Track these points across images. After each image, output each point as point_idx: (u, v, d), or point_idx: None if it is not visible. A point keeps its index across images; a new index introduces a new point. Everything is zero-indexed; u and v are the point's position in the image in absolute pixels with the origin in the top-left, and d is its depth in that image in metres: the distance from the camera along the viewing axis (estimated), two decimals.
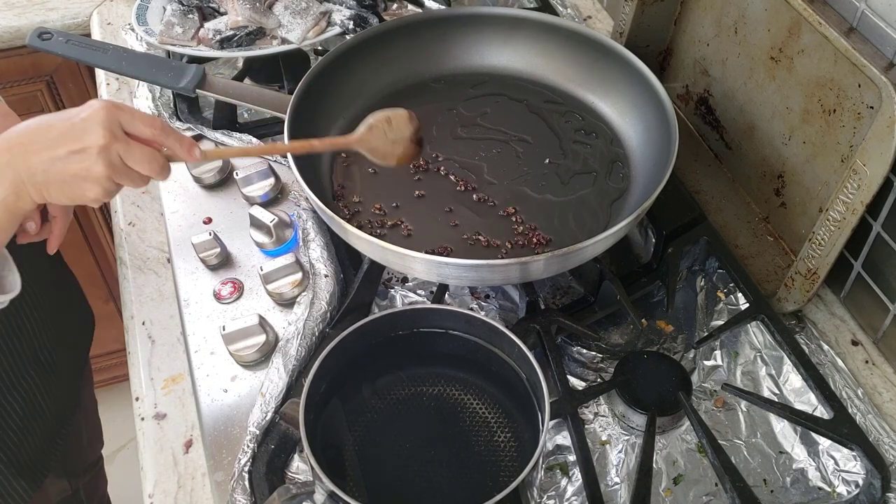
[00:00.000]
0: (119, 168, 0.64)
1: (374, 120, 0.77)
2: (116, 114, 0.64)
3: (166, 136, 0.67)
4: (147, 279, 0.94)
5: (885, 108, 0.71)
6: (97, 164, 0.63)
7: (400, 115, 0.78)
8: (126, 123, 0.64)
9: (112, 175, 0.64)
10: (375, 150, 0.78)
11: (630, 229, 0.86)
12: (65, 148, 0.62)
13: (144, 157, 0.65)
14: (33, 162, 0.62)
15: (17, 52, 1.34)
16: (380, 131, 0.77)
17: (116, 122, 0.64)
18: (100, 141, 0.62)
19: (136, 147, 0.65)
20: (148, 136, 0.66)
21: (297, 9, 1.12)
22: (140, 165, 0.65)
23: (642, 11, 1.05)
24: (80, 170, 0.63)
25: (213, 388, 0.82)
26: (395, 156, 0.78)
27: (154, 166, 0.66)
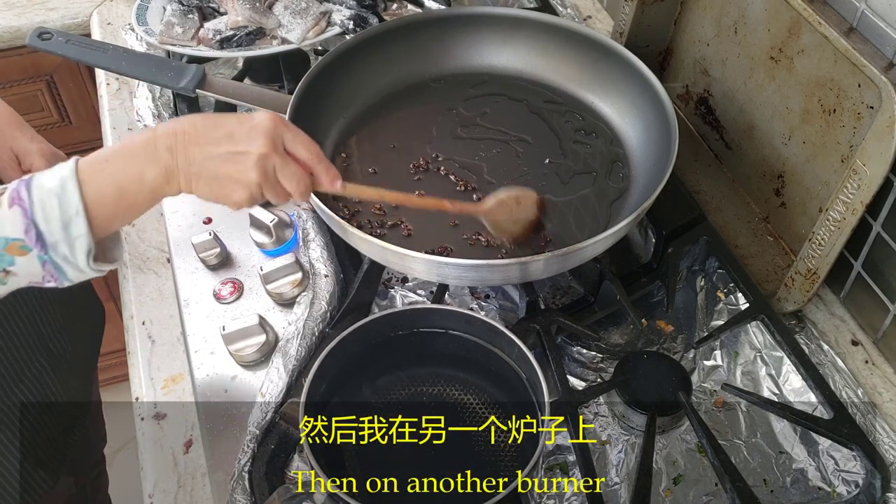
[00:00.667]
0: (270, 179, 0.66)
1: (505, 196, 0.80)
2: (282, 129, 0.66)
3: (318, 162, 0.69)
4: (147, 279, 0.94)
5: (885, 108, 0.71)
6: (252, 169, 0.64)
7: (529, 198, 0.81)
8: (287, 141, 0.67)
9: (262, 183, 0.66)
10: (497, 224, 0.81)
11: (630, 229, 0.86)
12: (227, 147, 0.64)
13: (295, 176, 0.67)
14: (193, 152, 0.64)
15: (17, 52, 1.34)
16: (507, 208, 0.80)
17: (280, 137, 0.66)
18: (262, 149, 0.64)
19: (290, 164, 0.67)
20: (303, 159, 0.68)
21: (297, 9, 1.12)
22: (289, 182, 0.67)
23: (642, 11, 1.05)
24: (235, 171, 0.65)
25: (213, 388, 0.82)
26: (512, 234, 0.82)
27: (301, 187, 0.68)
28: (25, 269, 0.62)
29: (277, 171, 0.66)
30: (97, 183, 0.62)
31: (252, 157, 0.64)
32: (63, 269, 0.63)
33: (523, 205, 0.81)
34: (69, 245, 0.61)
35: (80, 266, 0.63)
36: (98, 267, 0.65)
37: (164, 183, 0.65)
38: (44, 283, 0.65)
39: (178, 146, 0.64)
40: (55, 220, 0.61)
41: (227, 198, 0.67)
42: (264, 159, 0.65)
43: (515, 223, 0.81)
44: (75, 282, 0.66)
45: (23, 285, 0.64)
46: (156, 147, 0.64)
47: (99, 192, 0.62)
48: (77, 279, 0.65)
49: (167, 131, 0.64)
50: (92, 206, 0.62)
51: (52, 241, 0.61)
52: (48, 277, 0.64)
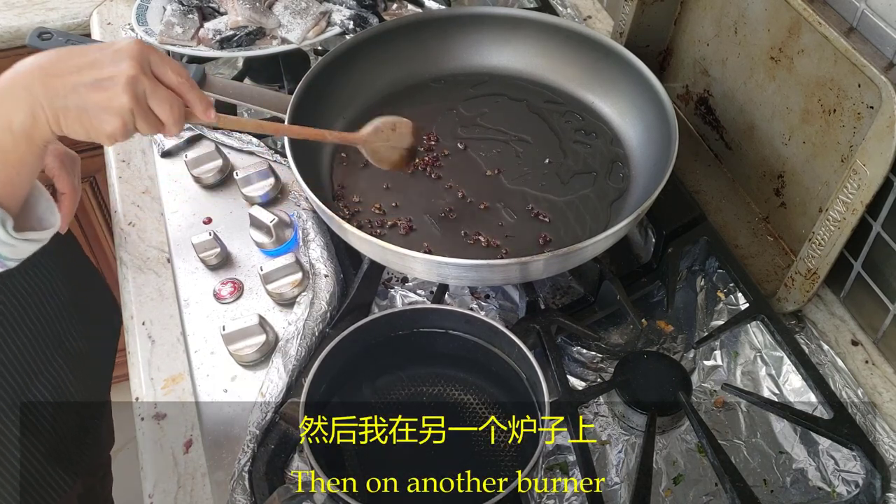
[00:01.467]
0: (142, 105, 0.62)
1: (381, 123, 0.82)
2: (148, 52, 0.63)
3: (190, 89, 0.65)
4: (147, 279, 0.94)
5: (885, 108, 0.71)
6: (122, 94, 0.60)
7: (405, 124, 0.84)
8: (155, 65, 0.63)
9: (134, 108, 0.62)
10: (375, 151, 0.83)
11: (630, 229, 0.86)
12: (91, 75, 0.60)
13: (167, 100, 0.63)
14: (55, 85, 0.60)
15: (17, 52, 1.34)
16: (383, 135, 0.82)
17: (147, 59, 0.62)
18: (129, 71, 0.60)
19: (161, 88, 0.63)
20: (174, 84, 0.64)
21: (297, 9, 1.12)
22: (161, 108, 0.63)
23: (642, 11, 1.05)
24: (104, 98, 0.60)
25: (213, 388, 0.82)
26: (390, 161, 0.85)
27: (174, 113, 0.64)
28: None
29: (148, 95, 0.62)
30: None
31: (120, 80, 0.60)
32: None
33: (399, 131, 0.83)
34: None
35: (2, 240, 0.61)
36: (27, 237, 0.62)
37: (33, 124, 0.60)
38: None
39: (35, 82, 0.60)
40: None
41: (99, 129, 0.62)
42: (134, 82, 0.61)
43: (393, 150, 0.83)
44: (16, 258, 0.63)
45: None
46: (14, 89, 0.60)
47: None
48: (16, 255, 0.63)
49: (24, 68, 0.61)
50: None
51: None
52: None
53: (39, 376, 0.95)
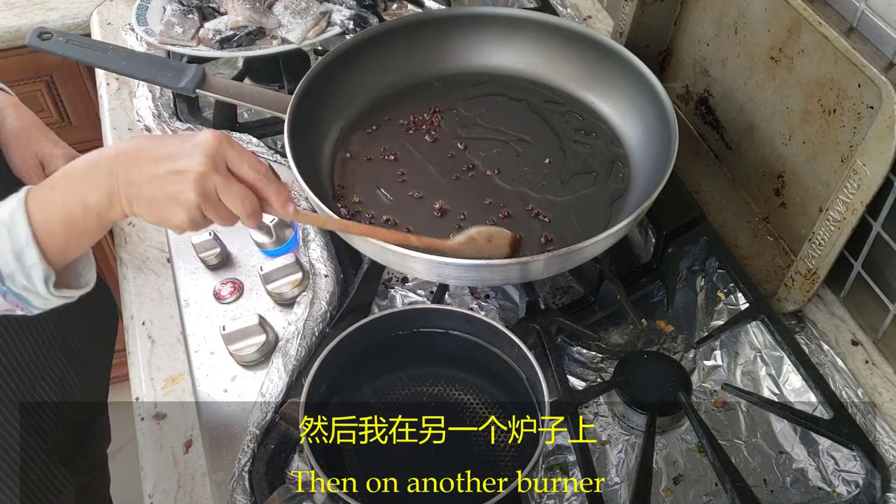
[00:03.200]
0: (212, 200, 0.63)
1: (476, 234, 0.79)
2: (225, 148, 0.64)
3: (267, 184, 0.66)
4: (147, 279, 0.94)
5: (885, 108, 0.71)
6: (191, 189, 0.62)
7: (503, 237, 0.80)
8: (232, 160, 0.64)
9: (202, 204, 0.63)
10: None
11: (630, 229, 0.86)
12: (166, 167, 0.62)
13: (239, 196, 0.64)
14: (133, 174, 0.62)
15: (17, 52, 1.34)
16: (477, 245, 0.78)
17: (222, 156, 0.63)
18: (199, 167, 0.62)
19: (234, 184, 0.64)
20: (250, 179, 0.65)
21: (297, 9, 1.12)
22: (233, 203, 0.64)
23: (642, 11, 1.05)
24: (174, 191, 0.62)
25: (213, 388, 0.82)
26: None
27: (246, 207, 0.65)
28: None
29: (219, 190, 0.63)
30: (45, 211, 0.61)
31: (190, 175, 0.62)
32: (26, 298, 0.63)
33: (494, 243, 0.79)
34: (25, 275, 0.61)
35: (41, 294, 0.62)
36: (62, 294, 0.64)
37: (108, 206, 0.63)
38: (14, 311, 0.64)
39: (118, 168, 0.62)
40: (7, 252, 0.60)
41: (168, 220, 0.64)
42: (203, 178, 0.62)
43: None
44: (45, 309, 0.65)
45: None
46: (97, 170, 0.62)
47: (47, 220, 0.61)
48: (44, 306, 0.65)
49: (110, 153, 0.63)
50: (42, 235, 0.61)
51: (8, 273, 0.61)
52: (14, 307, 0.63)
53: (45, 376, 0.95)
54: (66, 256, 0.64)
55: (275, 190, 0.67)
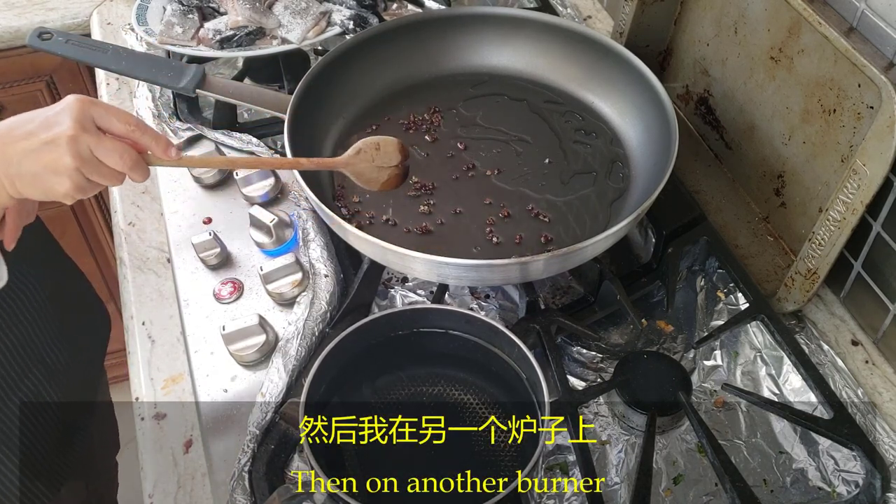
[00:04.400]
0: (89, 161, 0.63)
1: (362, 144, 0.79)
2: (89, 107, 0.64)
3: (142, 134, 0.66)
4: (147, 279, 0.94)
5: (885, 108, 0.71)
6: (65, 154, 0.62)
7: (389, 143, 0.81)
8: (99, 118, 0.64)
9: (81, 167, 0.63)
10: (361, 174, 0.80)
11: (630, 229, 0.86)
12: (37, 139, 0.62)
13: (115, 151, 0.64)
14: (8, 153, 0.62)
15: (17, 52, 1.34)
16: (367, 156, 0.79)
17: (88, 115, 0.63)
18: (68, 132, 0.62)
19: (106, 140, 0.64)
20: (122, 133, 0.65)
21: (297, 9, 1.12)
22: (110, 159, 0.64)
23: (642, 11, 1.05)
24: (50, 161, 0.62)
25: (213, 388, 0.82)
26: (379, 182, 0.81)
27: (126, 161, 0.65)
28: None
29: (94, 149, 0.63)
30: None
31: (62, 141, 0.62)
32: None
33: (384, 151, 0.80)
34: None
35: None
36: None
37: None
38: None
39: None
40: None
41: (53, 191, 0.64)
42: (74, 141, 0.62)
43: (380, 170, 0.80)
44: None
45: None
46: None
47: None
48: None
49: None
50: None
51: None
52: None
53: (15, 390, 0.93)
54: None
55: (152, 137, 0.66)
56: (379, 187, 0.82)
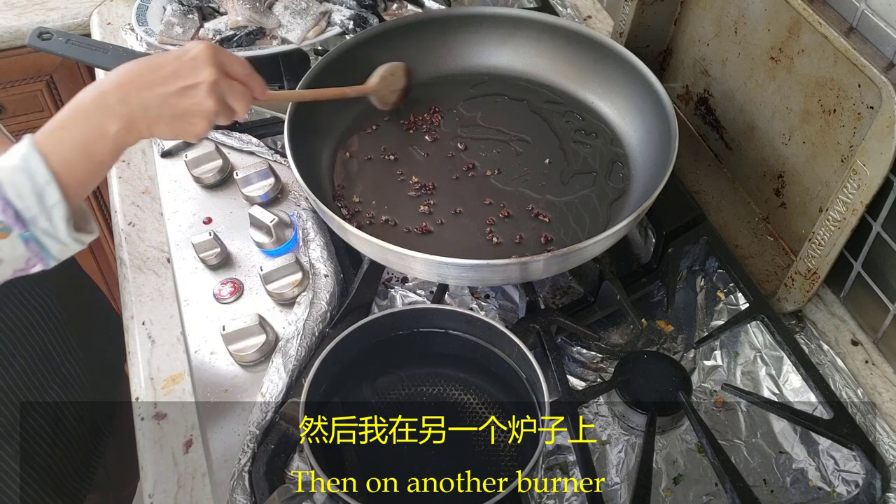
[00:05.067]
0: (223, 103, 0.69)
1: (383, 70, 0.96)
2: (219, 54, 0.69)
3: (253, 77, 0.72)
4: (147, 279, 0.94)
5: (885, 108, 0.71)
6: (207, 98, 0.67)
7: (399, 67, 0.97)
8: (225, 63, 0.69)
9: (219, 109, 0.69)
10: (382, 97, 0.96)
11: (630, 229, 0.86)
12: (177, 84, 0.66)
13: (241, 94, 0.71)
14: (147, 97, 0.66)
15: (17, 52, 1.34)
16: (387, 81, 0.96)
17: (220, 61, 0.68)
18: (210, 77, 0.67)
19: (236, 85, 0.70)
20: (241, 76, 0.71)
21: (297, 9, 1.12)
22: (237, 102, 0.70)
23: (642, 11, 1.05)
24: (192, 104, 0.67)
25: (213, 388, 0.82)
26: (391, 102, 0.98)
27: (245, 103, 0.71)
28: (10, 252, 0.62)
29: (226, 94, 0.69)
30: (60, 150, 0.63)
31: (204, 87, 0.67)
32: (46, 245, 0.63)
33: (396, 74, 0.97)
34: (47, 216, 0.62)
35: (61, 237, 0.63)
36: (79, 237, 0.65)
37: (127, 133, 0.66)
38: (29, 267, 0.65)
39: (129, 95, 0.65)
40: (28, 194, 0.61)
41: (189, 132, 0.69)
42: (215, 86, 0.67)
43: (392, 93, 0.97)
44: (60, 258, 0.66)
45: (8, 276, 0.64)
46: (107, 104, 0.65)
47: (64, 158, 0.63)
48: (61, 255, 0.65)
49: (113, 84, 0.66)
50: (61, 173, 0.62)
51: (31, 217, 0.61)
52: (33, 258, 0.64)
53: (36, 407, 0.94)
54: (83, 191, 0.66)
55: (258, 81, 0.73)
56: (389, 107, 0.98)
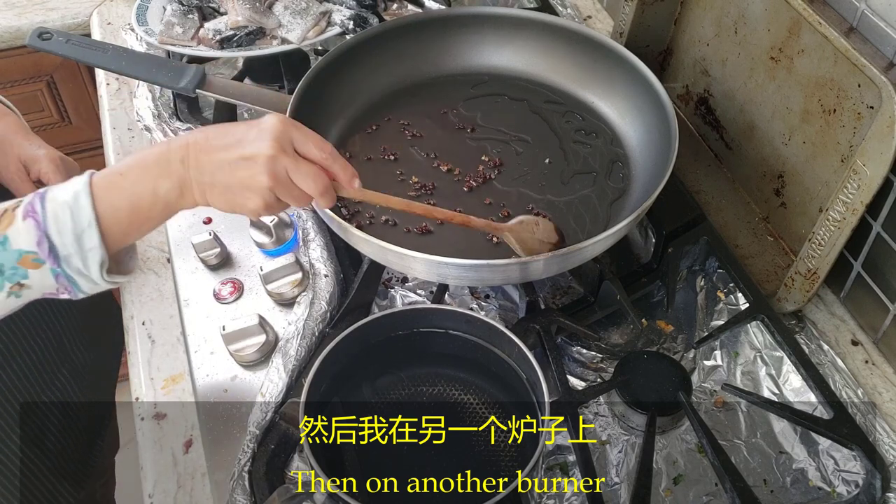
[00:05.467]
0: (283, 182, 0.64)
1: (525, 218, 0.83)
2: (290, 130, 0.65)
3: (333, 162, 0.67)
4: (147, 279, 0.94)
5: (885, 108, 0.71)
6: (262, 173, 0.63)
7: (545, 223, 0.84)
8: (297, 142, 0.65)
9: (275, 187, 0.64)
10: (524, 242, 0.82)
11: (630, 229, 0.86)
12: (236, 153, 0.63)
13: (310, 175, 0.65)
14: (204, 161, 0.63)
15: (17, 52, 1.34)
16: (529, 228, 0.83)
17: (288, 138, 0.64)
18: (268, 151, 0.63)
19: (303, 164, 0.65)
20: (317, 158, 0.66)
21: (297, 9, 1.12)
22: (304, 183, 0.65)
23: (642, 11, 1.05)
24: (246, 177, 0.63)
25: (213, 388, 0.82)
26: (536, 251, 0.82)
27: (318, 186, 0.66)
28: (39, 282, 0.62)
29: (290, 172, 0.64)
30: (111, 196, 0.62)
31: (260, 160, 0.63)
32: (76, 281, 0.63)
33: (542, 229, 0.84)
34: (82, 257, 0.61)
35: (93, 278, 0.63)
36: (112, 279, 0.64)
37: (179, 196, 0.64)
38: (58, 294, 0.64)
39: (189, 157, 0.63)
40: (68, 233, 0.60)
41: (243, 206, 0.65)
42: (273, 161, 0.63)
43: (541, 244, 0.83)
44: (89, 294, 0.65)
45: (37, 297, 0.64)
46: (169, 160, 0.63)
47: (113, 206, 0.62)
48: (91, 291, 0.65)
49: (180, 143, 0.64)
50: (105, 219, 0.61)
51: (66, 254, 0.61)
52: (62, 290, 0.64)
53: (47, 391, 0.95)
54: (123, 242, 0.65)
55: (341, 167, 0.68)
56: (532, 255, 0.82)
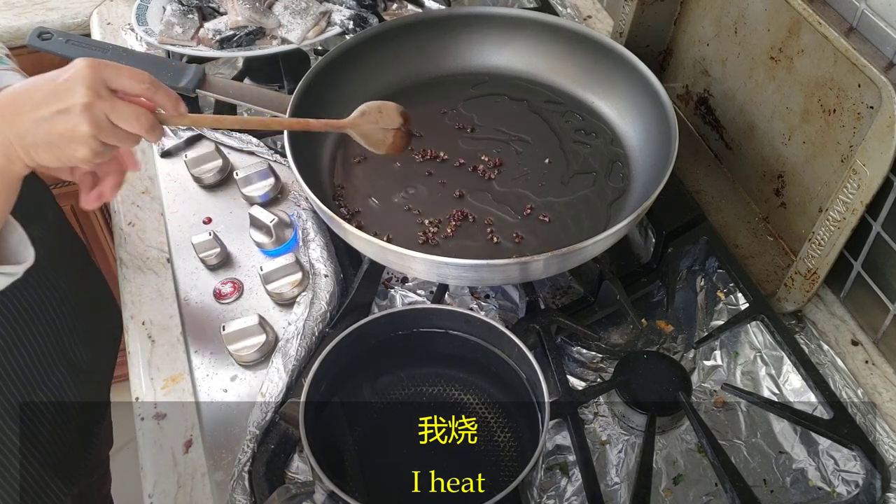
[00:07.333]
0: (105, 127, 0.62)
1: (366, 107, 0.82)
2: (100, 71, 0.62)
3: (155, 91, 0.65)
4: (147, 279, 0.94)
5: (885, 108, 0.71)
6: (82, 123, 0.61)
7: (390, 107, 0.84)
8: (111, 80, 0.63)
9: (98, 134, 0.62)
10: (368, 136, 0.82)
11: (630, 229, 0.86)
12: (49, 108, 0.61)
13: (131, 114, 0.63)
14: (20, 123, 0.61)
15: (17, 52, 1.34)
16: (371, 118, 0.82)
17: (100, 79, 0.62)
18: (82, 99, 0.61)
19: (120, 104, 0.63)
20: (136, 92, 0.64)
21: (297, 9, 1.12)
22: (127, 123, 0.63)
23: (642, 11, 1.05)
24: (66, 130, 0.61)
25: (213, 388, 0.82)
26: (386, 144, 0.84)
27: (142, 123, 0.64)
28: None
29: (110, 115, 0.62)
30: None
31: (76, 110, 0.61)
32: None
33: (385, 113, 0.83)
34: None
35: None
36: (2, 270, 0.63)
37: (8, 163, 0.62)
38: None
39: (3, 123, 0.61)
40: None
41: (72, 158, 0.63)
42: (89, 109, 0.61)
43: (385, 132, 0.83)
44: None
45: None
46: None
47: None
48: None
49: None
50: None
51: None
52: None
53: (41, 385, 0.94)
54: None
55: (165, 95, 0.66)
56: (385, 150, 0.84)
